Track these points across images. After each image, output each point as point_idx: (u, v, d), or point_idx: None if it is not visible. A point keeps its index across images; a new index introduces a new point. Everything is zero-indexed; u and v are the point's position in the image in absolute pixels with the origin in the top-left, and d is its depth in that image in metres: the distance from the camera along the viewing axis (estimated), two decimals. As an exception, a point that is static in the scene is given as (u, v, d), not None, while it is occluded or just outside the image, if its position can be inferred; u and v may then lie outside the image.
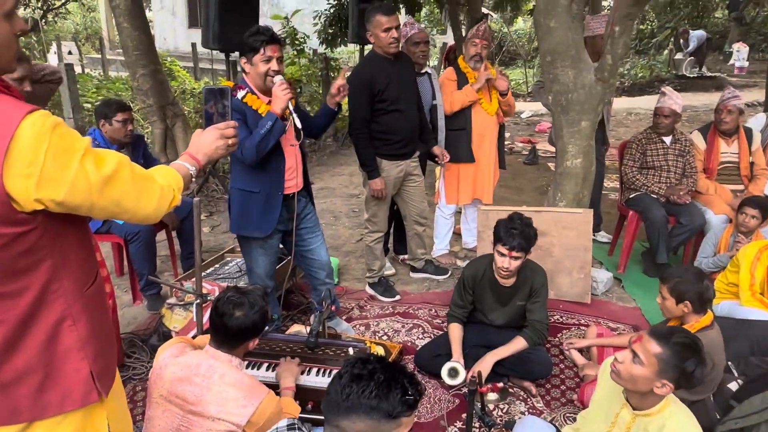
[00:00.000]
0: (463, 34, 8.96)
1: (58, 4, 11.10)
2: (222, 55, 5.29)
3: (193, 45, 12.20)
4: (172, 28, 17.13)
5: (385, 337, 3.13)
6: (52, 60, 12.01)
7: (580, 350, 2.84)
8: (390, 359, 2.77)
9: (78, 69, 12.27)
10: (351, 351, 2.46)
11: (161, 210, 1.24)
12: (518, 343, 2.61)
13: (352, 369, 1.23)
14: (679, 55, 13.82)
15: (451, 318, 2.81)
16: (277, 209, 2.75)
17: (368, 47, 4.33)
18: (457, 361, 2.61)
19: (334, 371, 2.34)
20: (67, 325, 1.13)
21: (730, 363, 2.60)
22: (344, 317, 3.34)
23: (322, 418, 2.25)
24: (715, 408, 2.33)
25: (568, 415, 2.52)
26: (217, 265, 3.61)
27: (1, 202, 0.95)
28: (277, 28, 9.70)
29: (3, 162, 0.93)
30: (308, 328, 2.62)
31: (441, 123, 3.85)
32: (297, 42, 8.66)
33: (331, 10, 8.61)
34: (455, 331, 2.73)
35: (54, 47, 12.71)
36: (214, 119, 1.54)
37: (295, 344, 2.54)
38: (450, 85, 3.76)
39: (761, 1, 14.32)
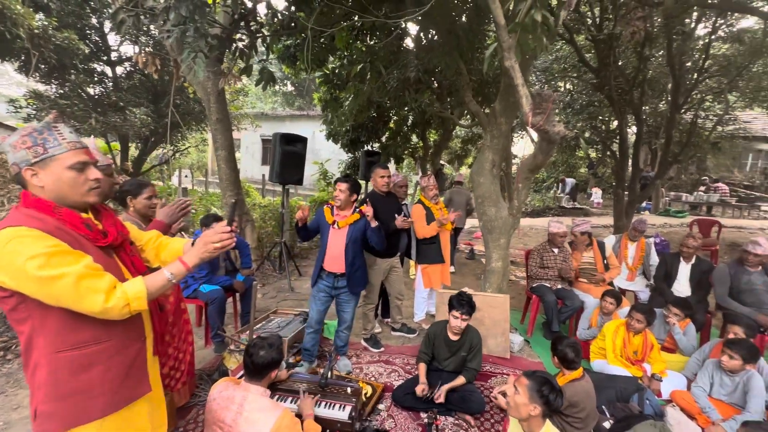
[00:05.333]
0: (428, 176, 9.33)
1: (182, 148, 11.59)
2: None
3: (263, 176, 12.61)
4: (251, 165, 17.79)
5: (372, 378, 2.95)
6: (175, 180, 12.32)
7: (503, 393, 2.70)
8: (375, 395, 2.62)
9: (190, 187, 12.61)
10: (349, 390, 2.32)
11: (110, 314, 1.06)
12: (460, 380, 2.58)
13: None
14: (560, 194, 14.46)
15: (419, 359, 2.75)
16: (316, 273, 2.89)
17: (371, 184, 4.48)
18: (423, 383, 2.58)
19: (336, 404, 2.21)
20: (39, 369, 1.08)
21: (603, 407, 2.47)
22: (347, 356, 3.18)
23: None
24: (595, 441, 2.17)
25: (496, 442, 2.34)
26: (264, 322, 3.46)
27: None
28: (315, 168, 10.14)
29: None
30: (321, 371, 2.49)
31: (412, 234, 3.88)
32: (327, 177, 9.01)
33: (349, 160, 9.05)
34: (422, 367, 2.69)
35: (176, 173, 13.09)
36: (227, 221, 1.28)
37: (312, 383, 2.39)
38: (421, 216, 3.68)
39: (607, 163, 15.26)
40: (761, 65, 7.13)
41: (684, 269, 3.81)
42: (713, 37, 6.84)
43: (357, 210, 2.91)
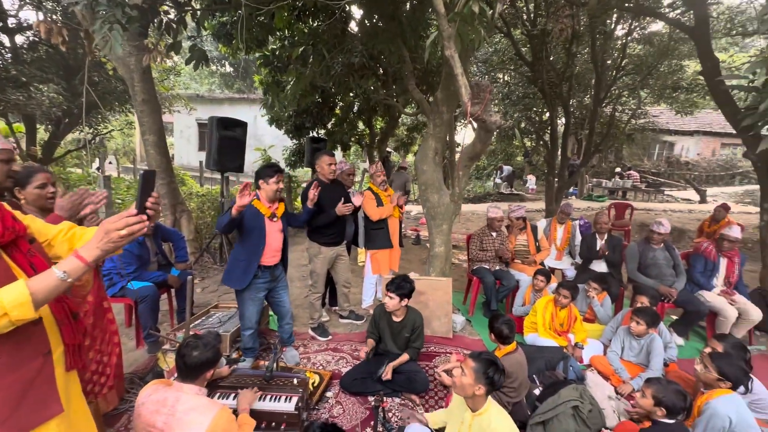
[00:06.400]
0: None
1: (104, 132, 10.40)
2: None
3: (201, 162, 11.78)
4: (187, 151, 16.53)
5: (320, 367, 2.94)
6: (96, 167, 11.06)
7: (446, 371, 2.84)
8: (323, 384, 2.61)
9: (115, 174, 11.40)
10: (295, 381, 2.29)
11: None
12: (404, 357, 2.69)
13: None
14: (498, 181, 15.30)
15: (368, 337, 2.86)
16: (251, 273, 2.63)
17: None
18: (372, 346, 2.77)
19: (282, 396, 2.16)
20: None
21: (534, 375, 2.69)
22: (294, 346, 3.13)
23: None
24: (527, 407, 2.36)
25: (439, 417, 2.45)
26: (204, 317, 3.28)
27: None
28: (257, 155, 9.67)
29: None
30: (266, 364, 2.42)
31: (360, 221, 3.87)
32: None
33: (294, 146, 8.75)
34: (371, 341, 2.80)
35: (98, 160, 11.76)
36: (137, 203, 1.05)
37: (256, 377, 2.32)
38: (371, 201, 3.69)
39: (540, 152, 16.40)
40: (666, 66, 8.02)
41: (600, 245, 4.24)
42: (629, 38, 7.54)
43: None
